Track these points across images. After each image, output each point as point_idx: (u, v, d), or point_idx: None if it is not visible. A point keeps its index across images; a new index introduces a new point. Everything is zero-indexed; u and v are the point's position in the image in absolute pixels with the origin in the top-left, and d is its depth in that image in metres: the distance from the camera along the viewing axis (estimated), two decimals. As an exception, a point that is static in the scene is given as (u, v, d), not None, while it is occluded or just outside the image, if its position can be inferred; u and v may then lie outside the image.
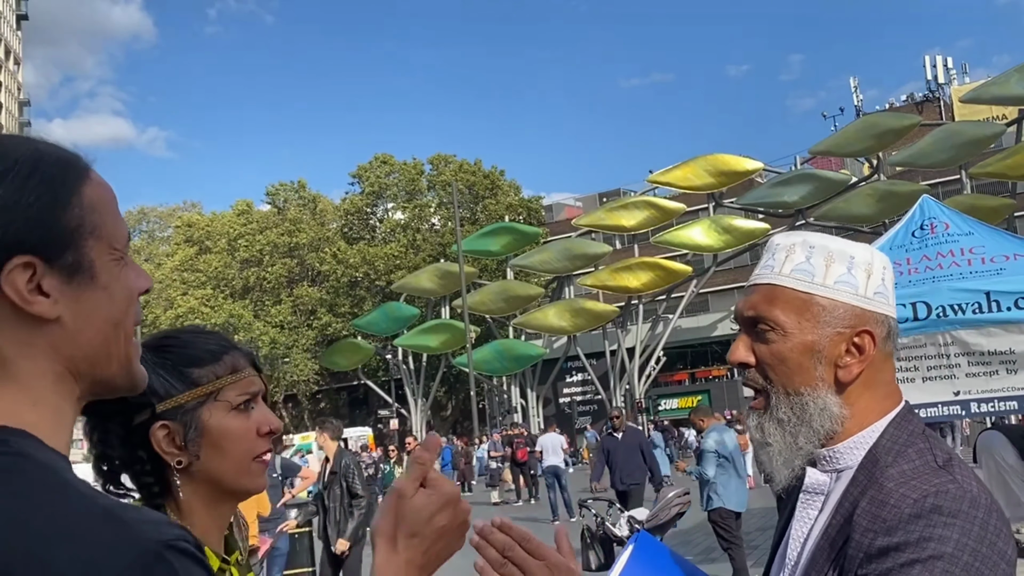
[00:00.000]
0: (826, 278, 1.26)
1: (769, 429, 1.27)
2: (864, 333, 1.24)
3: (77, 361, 0.86)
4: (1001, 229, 7.29)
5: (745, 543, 11.56)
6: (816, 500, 1.27)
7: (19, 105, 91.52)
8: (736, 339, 1.32)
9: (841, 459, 1.25)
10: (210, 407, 1.32)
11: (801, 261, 1.28)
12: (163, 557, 0.72)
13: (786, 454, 1.26)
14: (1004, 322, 5.98)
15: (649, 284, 38.90)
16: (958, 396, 6.13)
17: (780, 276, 1.29)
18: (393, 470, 18.42)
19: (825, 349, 1.24)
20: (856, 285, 1.26)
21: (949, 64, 56.87)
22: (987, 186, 38.55)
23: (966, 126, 36.82)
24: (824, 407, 1.24)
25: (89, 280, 0.85)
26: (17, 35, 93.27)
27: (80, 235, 0.85)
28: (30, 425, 0.80)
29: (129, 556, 0.70)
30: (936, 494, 1.12)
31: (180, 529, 0.76)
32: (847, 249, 1.29)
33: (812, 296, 1.25)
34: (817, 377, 1.24)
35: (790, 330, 1.25)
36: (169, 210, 63.04)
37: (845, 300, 1.25)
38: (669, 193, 41.12)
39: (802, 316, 1.25)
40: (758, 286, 1.31)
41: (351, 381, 51.60)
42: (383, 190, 51.54)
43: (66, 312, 0.84)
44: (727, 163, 38.44)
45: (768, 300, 1.28)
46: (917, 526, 1.10)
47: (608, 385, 41.28)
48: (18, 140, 0.88)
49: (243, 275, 49.03)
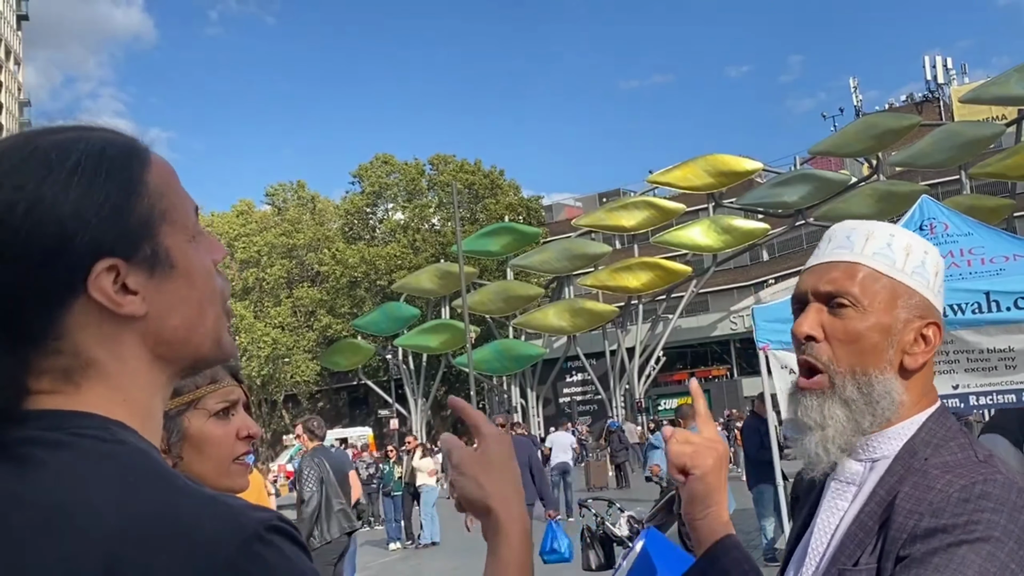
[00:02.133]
0: (905, 266, 1.27)
1: (832, 410, 1.25)
2: (932, 324, 1.26)
3: (164, 349, 0.85)
4: (1000, 229, 7.30)
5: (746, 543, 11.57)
6: (848, 490, 1.26)
7: (19, 105, 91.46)
8: (803, 313, 1.29)
9: (877, 449, 1.25)
10: (190, 414, 1.44)
11: (883, 246, 1.28)
12: (267, 538, 0.73)
13: (847, 436, 1.25)
14: (1004, 322, 6.00)
15: (649, 284, 38.88)
16: (956, 390, 6.15)
17: (862, 256, 1.28)
18: (393, 470, 18.43)
19: (899, 334, 1.25)
20: (928, 279, 1.28)
21: (949, 64, 56.88)
22: (987, 186, 38.53)
23: (966, 126, 36.80)
24: (889, 391, 1.23)
25: (169, 268, 0.84)
26: (17, 35, 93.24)
27: (153, 224, 0.84)
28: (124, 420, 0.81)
29: (239, 537, 0.72)
30: (985, 481, 1.12)
31: (274, 511, 0.77)
32: (922, 245, 1.31)
33: (892, 279, 1.26)
34: (887, 360, 1.24)
35: (871, 308, 1.25)
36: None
37: (919, 290, 1.27)
38: (669, 193, 41.09)
39: (883, 297, 1.25)
40: (836, 263, 1.29)
41: (351, 381, 51.59)
42: (383, 190, 51.53)
43: (152, 305, 0.83)
44: (727, 163, 38.41)
45: (850, 276, 1.27)
46: (965, 509, 1.10)
47: (608, 385, 41.27)
48: (76, 133, 0.85)
49: (243, 276, 48.99)
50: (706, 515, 1.30)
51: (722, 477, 1.31)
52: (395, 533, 16.32)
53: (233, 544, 0.71)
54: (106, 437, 0.78)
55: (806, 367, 1.28)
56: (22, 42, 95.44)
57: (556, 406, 44.69)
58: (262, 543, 0.73)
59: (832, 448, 1.25)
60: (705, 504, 1.30)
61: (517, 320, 41.56)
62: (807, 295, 1.30)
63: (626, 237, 44.28)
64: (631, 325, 40.80)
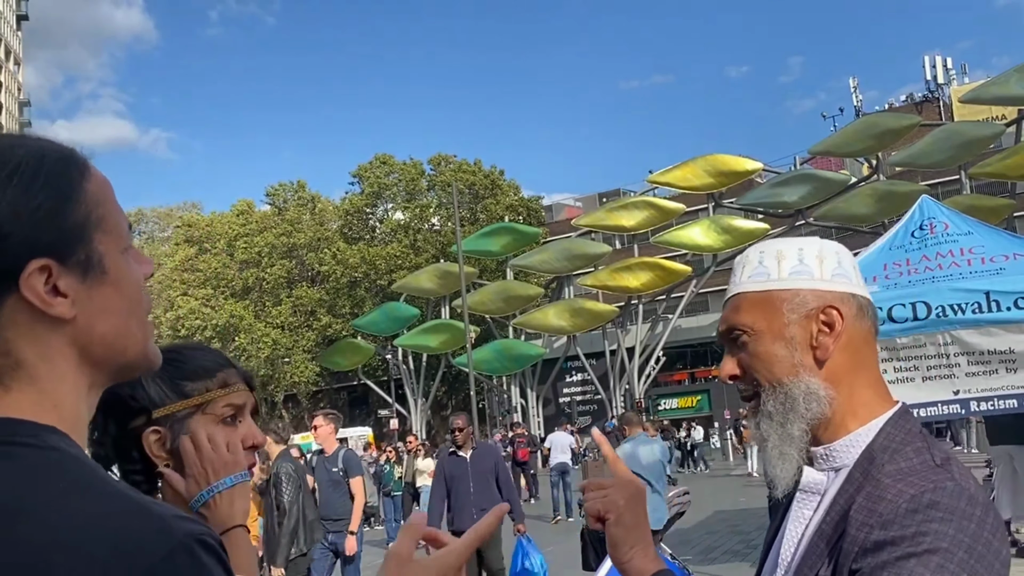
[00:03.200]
0: (780, 273, 1.32)
1: (765, 426, 1.30)
2: (830, 308, 1.28)
3: (92, 355, 0.87)
4: (1000, 229, 7.30)
5: (746, 543, 11.57)
6: (812, 499, 1.27)
7: (19, 105, 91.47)
8: (723, 358, 1.37)
9: (838, 457, 1.26)
10: (198, 418, 1.43)
11: (755, 266, 1.35)
12: (193, 550, 0.74)
13: (780, 446, 1.28)
14: (1004, 322, 5.99)
15: (649, 284, 38.89)
16: (957, 395, 6.13)
17: (740, 285, 1.35)
18: (392, 470, 18.46)
19: (796, 335, 1.28)
20: (811, 271, 1.31)
21: (949, 64, 56.89)
22: (986, 186, 38.53)
23: (966, 126, 36.81)
24: (808, 390, 1.26)
25: (101, 275, 0.86)
26: (17, 35, 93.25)
27: (88, 230, 0.86)
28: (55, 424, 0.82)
29: (164, 548, 0.73)
30: (934, 490, 1.13)
31: (205, 525, 0.78)
32: (795, 244, 1.35)
33: (771, 292, 1.31)
34: (796, 364, 1.28)
35: (758, 328, 1.30)
36: (168, 210, 63.01)
37: (803, 287, 1.30)
38: (669, 193, 41.10)
39: (765, 312, 1.30)
40: (726, 302, 1.38)
41: (351, 381, 51.59)
42: (383, 190, 51.52)
43: (81, 309, 0.85)
44: (727, 163, 38.42)
45: (735, 310, 1.34)
46: (913, 521, 1.11)
47: (608, 385, 41.28)
48: (15, 140, 0.88)
49: (243, 276, 48.97)
50: (631, 556, 1.32)
51: (639, 514, 1.34)
52: (395, 533, 16.28)
53: (158, 554, 0.72)
54: (39, 444, 0.79)
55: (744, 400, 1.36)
56: (22, 42, 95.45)
57: (556, 406, 44.69)
58: (187, 555, 0.74)
59: (774, 459, 1.29)
60: (628, 545, 1.32)
61: (517, 320, 41.56)
62: (720, 341, 1.40)
63: (626, 237, 44.30)
64: (631, 325, 40.81)
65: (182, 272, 49.02)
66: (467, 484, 8.23)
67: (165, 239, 58.91)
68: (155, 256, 54.38)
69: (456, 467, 8.36)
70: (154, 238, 61.06)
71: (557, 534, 14.93)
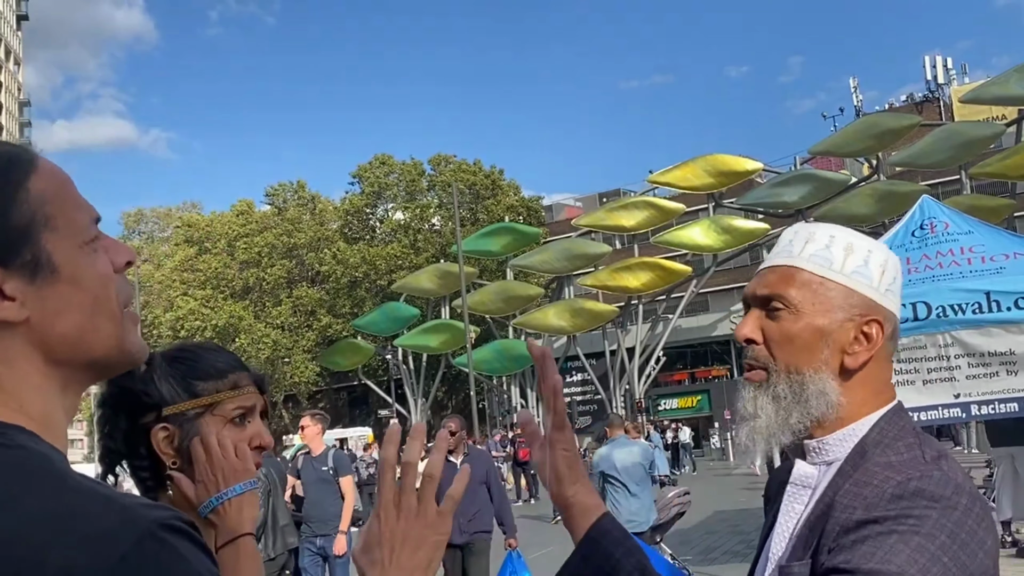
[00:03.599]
0: (843, 267, 1.28)
1: (762, 403, 1.27)
2: (874, 322, 1.26)
3: (57, 355, 0.86)
4: (1001, 228, 7.30)
5: (746, 543, 11.56)
6: (804, 493, 1.27)
7: (19, 105, 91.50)
8: (744, 317, 1.32)
9: (830, 451, 1.26)
10: (208, 417, 1.44)
11: (821, 248, 1.30)
12: (161, 536, 0.74)
13: (772, 430, 1.27)
14: (1004, 322, 5.98)
15: (649, 284, 38.88)
16: (958, 399, 6.12)
17: (799, 259, 1.30)
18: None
19: (834, 334, 1.26)
20: (871, 278, 1.28)
21: (949, 64, 56.90)
22: (987, 186, 38.52)
23: (966, 126, 36.80)
24: (823, 391, 1.24)
25: (51, 275, 0.85)
26: (17, 35, 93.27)
27: (34, 231, 0.84)
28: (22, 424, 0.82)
29: (132, 537, 0.72)
30: (920, 478, 1.13)
31: (172, 510, 0.78)
32: (866, 244, 1.31)
33: (828, 281, 1.27)
34: (822, 360, 1.25)
35: (803, 310, 1.26)
36: (167, 210, 62.97)
37: (859, 290, 1.27)
38: (669, 193, 41.09)
39: (816, 298, 1.27)
40: (774, 267, 1.32)
41: (351, 381, 51.59)
42: (383, 190, 51.51)
43: (34, 311, 0.84)
44: (727, 163, 38.42)
45: (784, 280, 1.29)
46: (898, 505, 1.11)
47: (608, 385, 41.27)
48: None
49: (243, 276, 48.95)
50: (575, 491, 1.26)
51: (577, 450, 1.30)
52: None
53: (127, 541, 0.72)
54: (5, 443, 0.79)
55: (748, 368, 1.32)
56: (22, 42, 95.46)
57: (556, 406, 44.63)
58: (156, 541, 0.73)
59: (758, 439, 1.27)
60: (572, 480, 1.26)
61: (517, 320, 41.55)
62: (747, 299, 1.33)
63: (626, 237, 44.28)
64: (631, 325, 40.80)
65: (182, 272, 49.00)
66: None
67: (165, 239, 58.85)
68: (155, 256, 54.40)
69: (446, 474, 7.76)
70: (154, 238, 60.98)
71: (557, 534, 14.91)
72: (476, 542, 7.66)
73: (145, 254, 55.09)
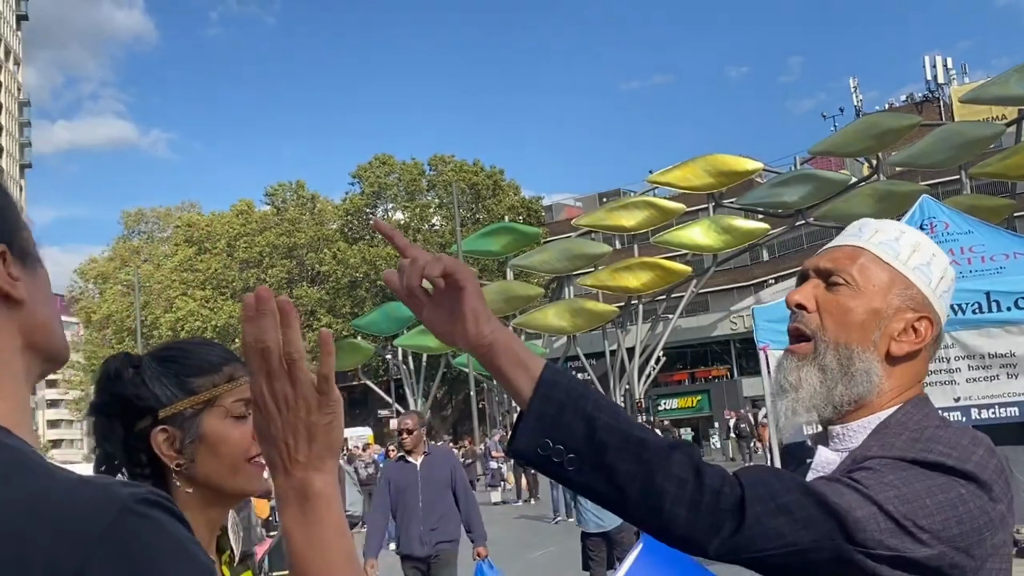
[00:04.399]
0: (909, 260, 1.32)
1: (808, 374, 1.29)
2: (925, 319, 1.30)
3: (35, 341, 0.89)
4: (1000, 228, 7.30)
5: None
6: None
7: (19, 105, 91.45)
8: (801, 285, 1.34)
9: (854, 438, 1.27)
10: (208, 414, 1.39)
11: (890, 239, 1.33)
12: (140, 510, 0.74)
13: (815, 400, 1.28)
14: (1004, 323, 5.98)
15: (649, 284, 38.87)
16: (958, 402, 6.12)
17: (868, 243, 1.33)
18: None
19: (888, 319, 1.29)
20: (931, 278, 1.32)
21: (949, 64, 56.86)
22: (987, 186, 38.51)
23: (966, 126, 36.79)
24: (868, 369, 1.27)
25: (35, 261, 0.92)
26: (17, 35, 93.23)
27: (20, 224, 0.91)
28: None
29: (110, 514, 0.73)
30: (936, 427, 1.17)
31: (148, 487, 0.78)
32: (932, 247, 1.36)
33: (892, 268, 1.31)
34: (872, 340, 1.28)
35: (864, 289, 1.29)
36: (167, 210, 62.93)
37: (919, 285, 1.31)
38: (669, 193, 41.07)
39: (879, 281, 1.30)
40: (841, 246, 1.35)
41: (351, 381, 51.58)
42: (383, 190, 51.50)
43: (27, 296, 0.89)
44: (727, 163, 38.39)
45: (850, 258, 1.32)
46: (914, 447, 1.14)
47: (608, 385, 41.25)
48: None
49: (243, 276, 48.93)
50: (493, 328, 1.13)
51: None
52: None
53: (105, 519, 0.72)
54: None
55: (795, 334, 1.33)
56: (22, 42, 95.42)
57: (556, 406, 44.64)
58: (135, 515, 0.73)
59: (800, 409, 1.28)
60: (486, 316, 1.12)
61: (517, 320, 41.53)
62: (809, 271, 1.35)
63: (626, 237, 44.26)
64: (631, 325, 40.79)
65: (182, 272, 48.95)
66: (415, 497, 6.77)
67: (165, 239, 58.80)
68: (154, 256, 54.39)
69: (404, 476, 6.85)
70: (153, 238, 60.94)
71: (557, 534, 14.92)
72: (441, 554, 6.81)
73: (145, 254, 55.09)
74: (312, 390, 0.96)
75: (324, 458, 0.94)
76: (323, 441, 0.95)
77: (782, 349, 4.75)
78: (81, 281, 56.42)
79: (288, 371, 0.95)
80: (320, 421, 0.95)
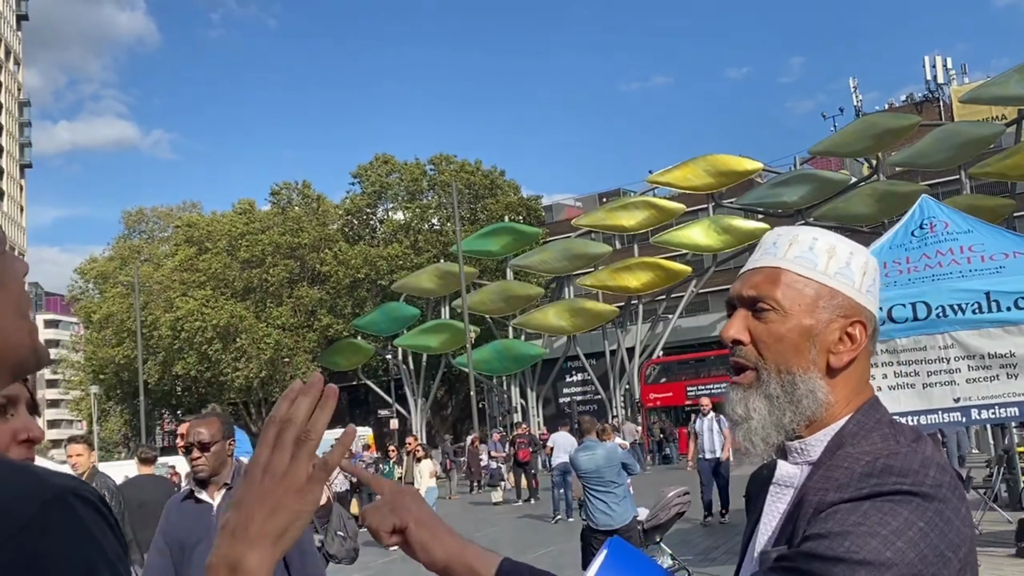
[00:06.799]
0: (827, 268, 1.30)
1: (755, 404, 1.28)
2: (858, 323, 1.29)
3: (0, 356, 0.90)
4: (1000, 227, 7.29)
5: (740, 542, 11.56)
6: (786, 493, 1.28)
7: (19, 105, 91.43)
8: (731, 318, 1.34)
9: (812, 451, 1.27)
10: None
11: (804, 250, 1.32)
12: (68, 503, 0.76)
13: (768, 430, 1.28)
14: (1004, 322, 5.98)
15: (649, 284, 38.89)
16: (958, 402, 6.11)
17: (784, 260, 1.32)
18: (393, 470, 18.43)
19: (821, 334, 1.28)
20: (853, 279, 1.31)
21: (949, 65, 56.85)
22: (987, 186, 38.52)
23: (966, 126, 36.80)
24: (813, 389, 1.26)
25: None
26: (17, 36, 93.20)
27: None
28: None
29: (36, 503, 0.74)
30: (888, 456, 1.16)
31: (83, 482, 0.80)
32: (847, 246, 1.34)
33: (813, 282, 1.30)
34: (810, 360, 1.27)
35: (791, 311, 1.28)
36: (168, 210, 62.84)
37: (843, 291, 1.30)
38: (669, 193, 41.10)
39: (802, 299, 1.29)
40: (759, 268, 1.34)
41: (351, 381, 51.56)
42: (384, 190, 51.48)
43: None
44: (727, 163, 38.41)
45: (771, 281, 1.31)
46: (867, 483, 1.13)
47: (608, 385, 41.27)
48: None
49: (244, 276, 48.86)
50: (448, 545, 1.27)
51: (430, 510, 1.31)
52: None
53: (32, 507, 0.73)
54: None
55: (737, 368, 1.33)
56: (22, 42, 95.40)
57: (556, 406, 44.67)
58: (61, 508, 0.75)
59: (756, 440, 1.28)
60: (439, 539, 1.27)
61: (517, 320, 41.55)
62: (734, 300, 1.35)
63: (626, 237, 44.27)
64: (631, 325, 40.80)
65: (182, 272, 48.90)
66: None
67: (165, 239, 58.71)
68: (155, 256, 54.34)
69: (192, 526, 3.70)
70: (154, 238, 60.87)
71: (557, 534, 14.92)
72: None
73: (145, 254, 55.06)
74: (304, 473, 0.91)
75: (271, 540, 0.89)
76: (280, 524, 0.90)
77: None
78: (81, 281, 56.38)
79: (295, 446, 0.92)
80: (290, 505, 0.90)
